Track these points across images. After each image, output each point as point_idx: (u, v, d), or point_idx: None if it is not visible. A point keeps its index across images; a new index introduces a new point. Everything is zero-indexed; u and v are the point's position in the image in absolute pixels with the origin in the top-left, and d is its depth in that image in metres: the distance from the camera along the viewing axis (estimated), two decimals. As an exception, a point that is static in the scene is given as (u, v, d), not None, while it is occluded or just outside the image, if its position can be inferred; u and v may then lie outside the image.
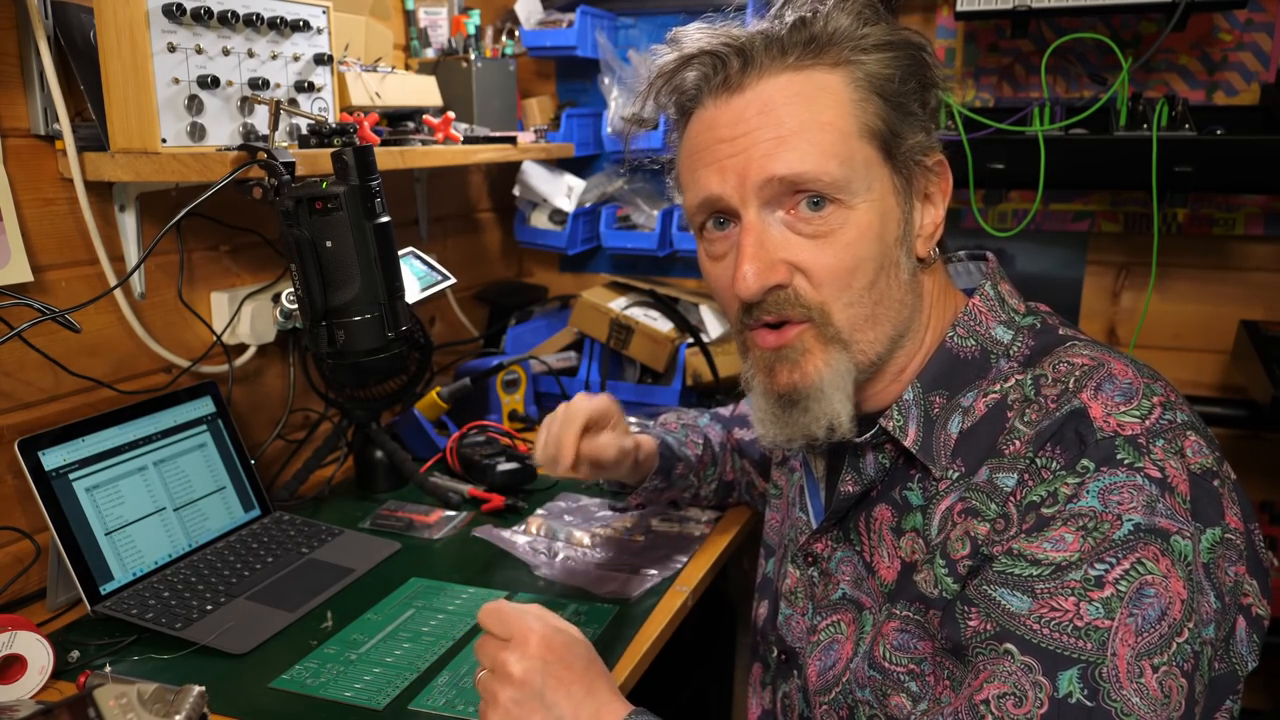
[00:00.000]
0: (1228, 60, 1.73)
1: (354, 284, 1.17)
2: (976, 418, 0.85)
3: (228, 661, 1.09)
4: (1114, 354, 0.83)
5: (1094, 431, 0.76)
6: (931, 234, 0.89)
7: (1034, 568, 0.75)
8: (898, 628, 0.86)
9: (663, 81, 0.90)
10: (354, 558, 1.33)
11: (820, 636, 0.95)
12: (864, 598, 0.92)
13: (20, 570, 1.22)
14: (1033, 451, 0.79)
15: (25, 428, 1.21)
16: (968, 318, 0.89)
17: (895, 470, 0.90)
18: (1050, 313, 0.92)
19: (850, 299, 0.85)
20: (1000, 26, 1.83)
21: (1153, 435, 0.76)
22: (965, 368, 0.88)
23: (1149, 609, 0.71)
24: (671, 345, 1.86)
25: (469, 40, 1.89)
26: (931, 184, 0.89)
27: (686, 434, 1.35)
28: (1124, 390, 0.79)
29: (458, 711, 0.99)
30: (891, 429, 0.88)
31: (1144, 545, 0.72)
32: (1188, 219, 1.79)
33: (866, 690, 0.88)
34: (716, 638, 1.85)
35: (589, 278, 2.24)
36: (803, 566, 0.99)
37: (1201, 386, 1.83)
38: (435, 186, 1.98)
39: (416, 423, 1.66)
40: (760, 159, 0.83)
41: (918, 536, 0.86)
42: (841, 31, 0.84)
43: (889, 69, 0.84)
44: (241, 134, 1.26)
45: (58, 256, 1.25)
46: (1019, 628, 0.73)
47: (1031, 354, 0.86)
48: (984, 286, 0.91)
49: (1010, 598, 0.75)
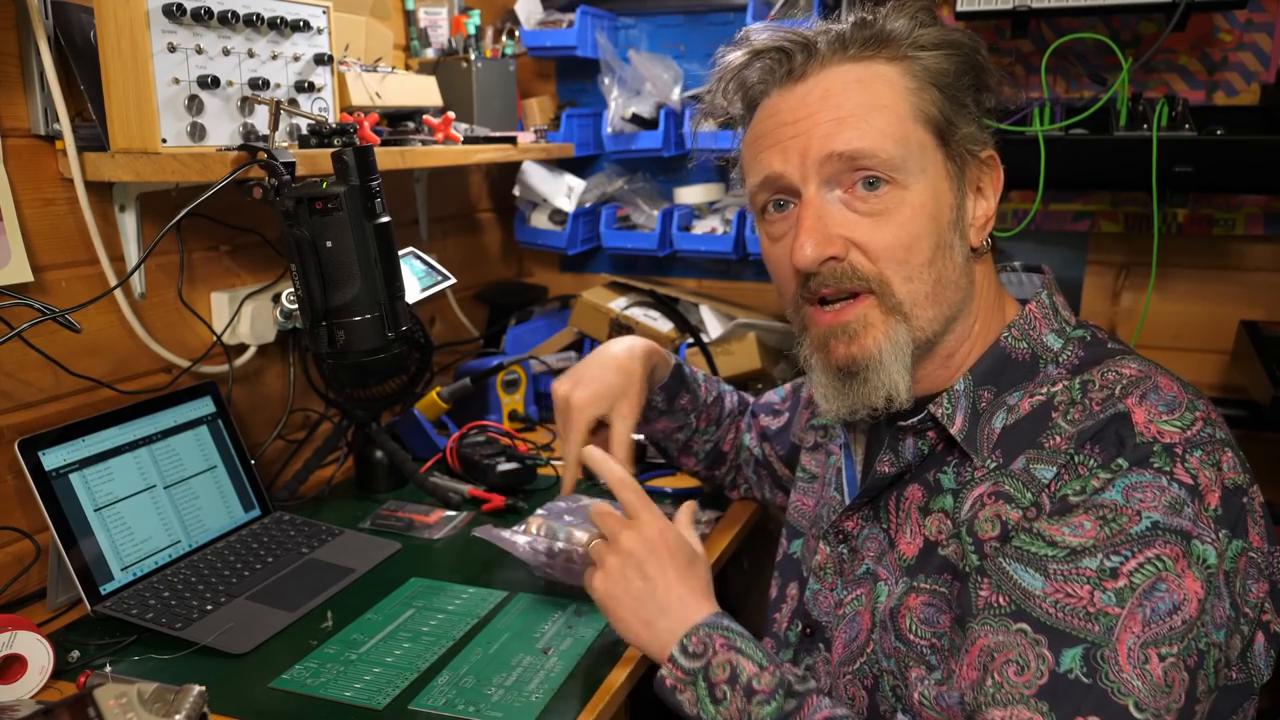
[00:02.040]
0: (1228, 60, 1.72)
1: (354, 284, 1.17)
2: (1020, 416, 0.88)
3: (228, 661, 1.09)
4: (1162, 370, 0.87)
5: (1134, 435, 0.80)
6: (984, 225, 0.93)
7: (1049, 548, 0.78)
8: (925, 601, 0.88)
9: (731, 75, 0.96)
10: (354, 558, 1.33)
11: (846, 610, 0.98)
12: (881, 570, 0.95)
13: (20, 570, 1.22)
14: (1074, 448, 0.82)
15: (25, 428, 1.21)
16: (1024, 321, 0.93)
17: (932, 455, 0.93)
18: (1100, 328, 0.96)
19: (909, 273, 0.88)
20: (1000, 26, 1.82)
21: (1191, 445, 0.79)
22: (1015, 368, 0.91)
23: (1160, 602, 0.74)
24: (671, 345, 1.86)
25: (469, 40, 1.89)
26: (984, 176, 0.93)
27: (704, 379, 1.40)
28: (1168, 402, 0.82)
29: (458, 711, 0.99)
30: (940, 416, 0.90)
31: (1162, 543, 0.75)
32: (1188, 219, 1.79)
33: (891, 660, 0.91)
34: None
35: (589, 278, 2.24)
36: (833, 543, 1.02)
37: (1201, 386, 1.81)
38: (435, 186, 1.98)
39: (416, 423, 1.66)
40: (821, 138, 0.88)
41: (945, 518, 0.89)
42: (899, 30, 0.90)
43: (944, 64, 0.89)
44: (241, 134, 1.26)
45: (58, 256, 1.25)
46: (1034, 609, 0.77)
47: (1080, 363, 0.90)
48: (1040, 295, 0.95)
49: (1023, 574, 0.79)
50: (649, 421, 1.36)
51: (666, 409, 1.34)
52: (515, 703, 1.00)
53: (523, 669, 1.07)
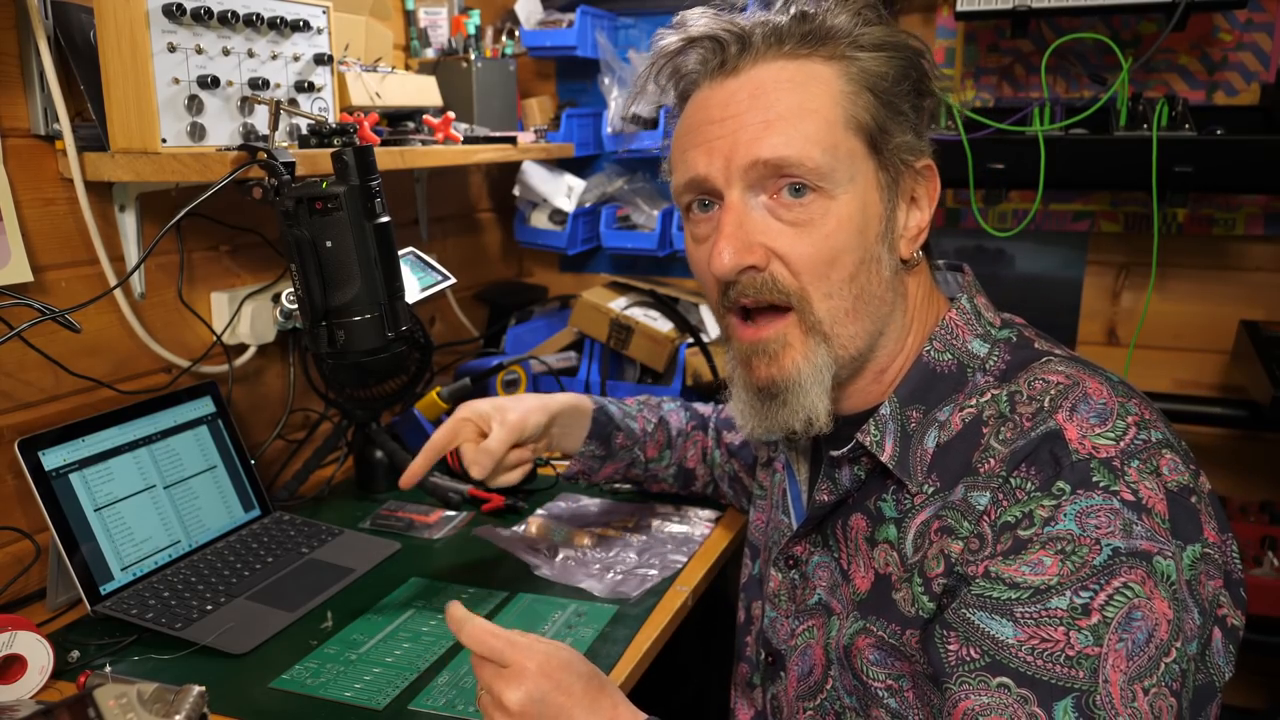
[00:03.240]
0: (1228, 60, 1.73)
1: (354, 284, 1.17)
2: (952, 432, 0.85)
3: (228, 661, 1.09)
4: (1089, 370, 0.83)
5: (1069, 453, 0.76)
6: (915, 236, 0.89)
7: (1012, 591, 0.74)
8: (874, 644, 0.86)
9: (664, 61, 0.92)
10: (354, 558, 1.33)
11: (798, 641, 0.96)
12: (835, 603, 0.93)
13: (20, 570, 1.22)
14: (1006, 470, 0.78)
15: (25, 428, 1.21)
16: (944, 331, 0.89)
17: (870, 480, 0.90)
18: (1025, 325, 0.92)
19: (829, 289, 0.85)
20: (1000, 26, 1.82)
21: (1127, 457, 0.76)
22: (941, 382, 0.88)
23: (1137, 632, 0.71)
24: (671, 345, 1.86)
25: (469, 40, 1.89)
26: (919, 187, 0.89)
27: (639, 409, 1.38)
28: (1099, 411, 0.79)
29: (458, 711, 0.99)
30: (869, 444, 0.87)
31: (1127, 569, 0.72)
32: (1188, 219, 1.79)
33: (853, 697, 0.88)
34: (716, 638, 1.85)
35: (589, 278, 2.24)
36: (784, 569, 1.00)
37: (1201, 386, 1.83)
38: (435, 186, 1.98)
39: (416, 423, 1.66)
40: (747, 142, 0.84)
41: (891, 549, 0.86)
42: (840, 28, 0.85)
43: (883, 67, 0.85)
44: (241, 134, 1.26)
45: (58, 256, 1.25)
46: (1011, 659, 0.73)
47: (1007, 369, 0.87)
48: (960, 300, 0.91)
49: (991, 622, 0.75)
50: (594, 471, 1.36)
51: (605, 453, 1.33)
52: (515, 703, 1.00)
53: (523, 669, 1.07)
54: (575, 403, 1.31)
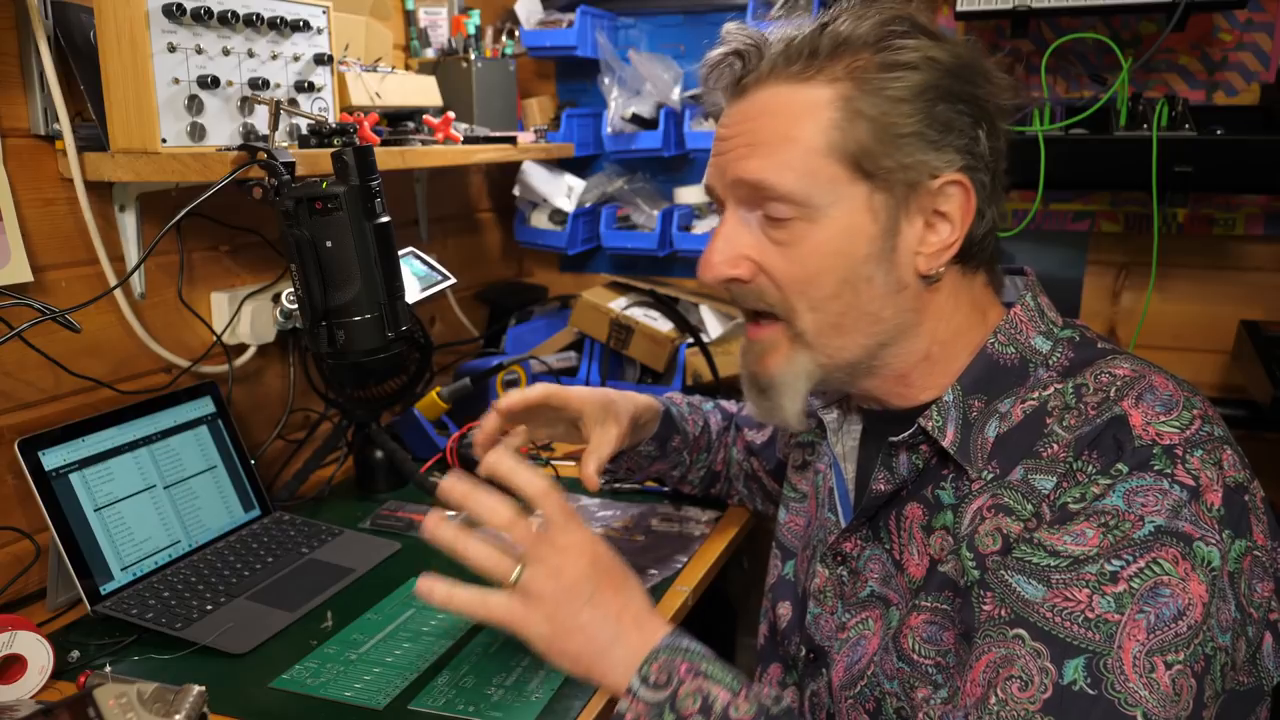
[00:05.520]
0: (1228, 60, 1.72)
1: (354, 284, 1.17)
2: (1014, 423, 0.86)
3: (228, 661, 1.09)
4: (1154, 368, 0.86)
5: (1133, 438, 0.78)
6: (937, 252, 0.88)
7: (1052, 559, 0.77)
8: (926, 619, 0.87)
9: (706, 71, 0.96)
10: (354, 558, 1.33)
11: (849, 634, 0.96)
12: (891, 594, 0.93)
13: (20, 570, 1.22)
14: (1072, 455, 0.80)
15: (25, 428, 1.21)
16: (1009, 325, 0.91)
17: (928, 470, 0.91)
18: (1087, 328, 0.94)
19: (812, 304, 0.88)
20: (1000, 26, 1.82)
21: (1190, 445, 0.78)
22: (1004, 374, 0.89)
23: (1163, 608, 0.72)
24: (671, 345, 1.86)
25: (469, 40, 1.89)
26: (946, 203, 0.88)
27: (689, 412, 1.37)
28: (1165, 401, 0.81)
29: (458, 711, 0.99)
30: (930, 429, 0.89)
31: (1162, 546, 0.74)
32: (1188, 219, 1.79)
33: (894, 682, 0.89)
34: (716, 638, 1.85)
35: (589, 278, 2.24)
36: (831, 566, 1.00)
37: (1201, 386, 1.82)
38: (435, 186, 1.98)
39: (416, 423, 1.66)
40: (734, 161, 0.89)
41: (947, 534, 0.88)
42: (855, 40, 0.85)
43: (894, 88, 0.84)
44: (241, 134, 1.26)
45: (58, 256, 1.25)
46: (1032, 614, 0.75)
47: (1071, 365, 0.88)
48: (1025, 298, 0.93)
49: (1025, 585, 0.77)
50: (643, 468, 1.35)
51: (660, 454, 1.33)
52: (515, 703, 1.00)
53: (523, 669, 1.07)
54: (652, 403, 1.29)
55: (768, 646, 1.11)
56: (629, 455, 1.31)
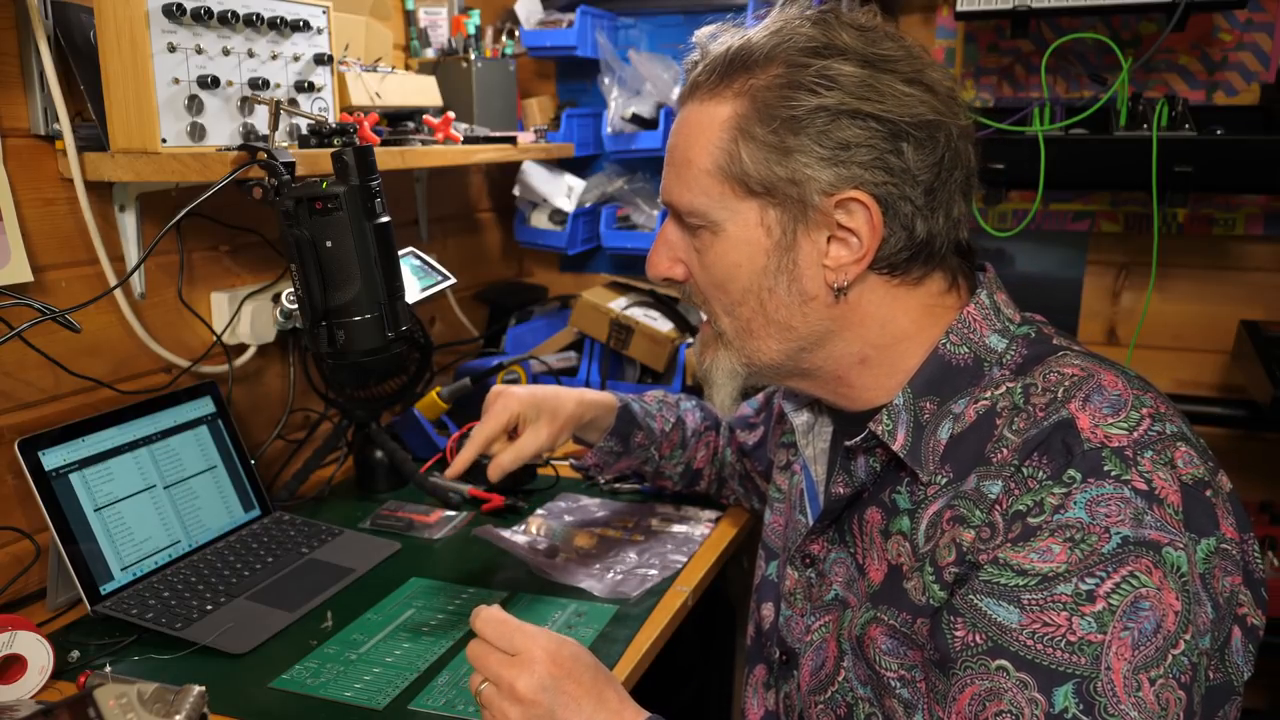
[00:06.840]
0: (1228, 60, 1.73)
1: (354, 284, 1.17)
2: (966, 424, 0.85)
3: (228, 661, 1.09)
4: (1105, 365, 0.84)
5: (1081, 442, 0.77)
6: (844, 266, 0.87)
7: (1020, 578, 0.75)
8: (885, 633, 0.86)
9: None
10: (354, 558, 1.33)
11: (813, 636, 0.96)
12: (851, 597, 0.93)
13: (20, 570, 1.22)
14: (1019, 460, 0.79)
15: (25, 428, 1.21)
16: (961, 325, 0.89)
17: (885, 473, 0.91)
18: (1045, 323, 0.92)
19: (724, 308, 0.93)
20: (1000, 26, 1.83)
21: (1140, 447, 0.76)
22: (957, 374, 0.88)
23: (1144, 622, 0.71)
24: (671, 345, 1.86)
25: (469, 40, 1.89)
26: (844, 219, 0.86)
27: (659, 409, 1.39)
28: (1113, 402, 0.79)
29: (458, 711, 0.99)
30: (880, 433, 0.88)
31: (1135, 558, 0.72)
32: (1188, 219, 1.79)
33: (867, 688, 0.88)
34: (716, 638, 1.85)
35: (589, 278, 2.24)
36: (800, 568, 1.00)
37: (1201, 386, 1.83)
38: (435, 186, 1.98)
39: (416, 423, 1.66)
40: (664, 175, 0.95)
41: (904, 540, 0.87)
42: (758, 61, 0.86)
43: (786, 107, 0.84)
44: (241, 134, 1.26)
45: (58, 256, 1.25)
46: (1012, 643, 0.73)
47: (1024, 362, 0.87)
48: (979, 295, 0.91)
49: (997, 608, 0.75)
50: (609, 465, 1.38)
51: (624, 450, 1.36)
52: (515, 703, 1.00)
53: (523, 669, 1.07)
54: (603, 399, 1.33)
55: (754, 648, 1.11)
56: (594, 452, 1.35)
